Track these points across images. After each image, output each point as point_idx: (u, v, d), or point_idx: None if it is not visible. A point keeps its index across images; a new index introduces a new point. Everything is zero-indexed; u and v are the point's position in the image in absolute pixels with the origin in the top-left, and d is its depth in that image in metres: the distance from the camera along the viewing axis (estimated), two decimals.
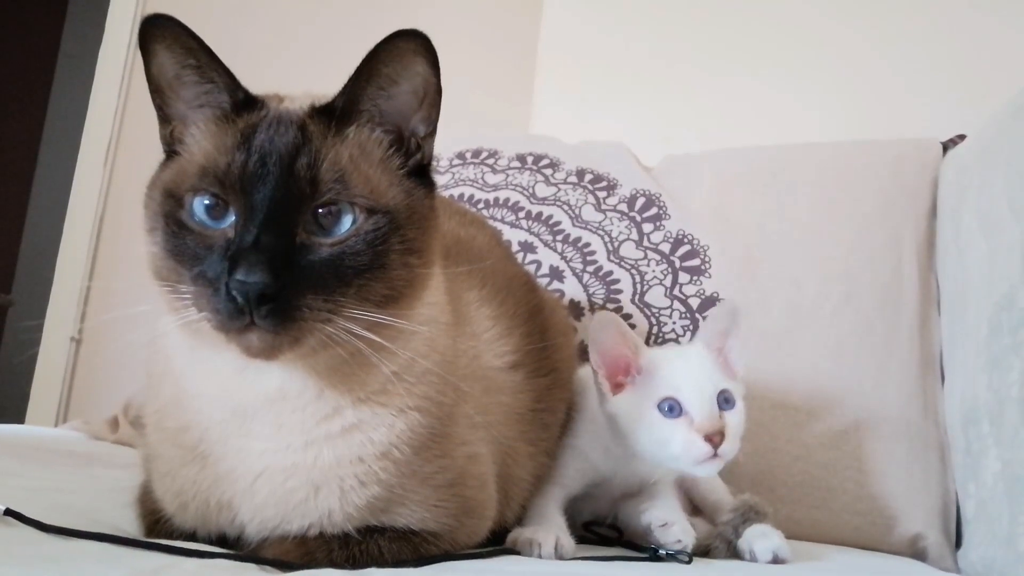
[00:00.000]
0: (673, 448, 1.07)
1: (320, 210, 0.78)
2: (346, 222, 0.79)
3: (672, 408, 1.09)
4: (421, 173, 0.88)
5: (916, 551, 1.40)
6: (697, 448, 1.06)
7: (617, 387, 1.15)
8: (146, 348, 0.94)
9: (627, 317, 1.65)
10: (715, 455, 1.06)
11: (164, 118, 0.86)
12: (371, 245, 0.79)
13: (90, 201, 2.80)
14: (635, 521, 1.13)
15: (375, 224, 0.80)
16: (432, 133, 0.88)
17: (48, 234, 2.97)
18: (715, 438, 1.06)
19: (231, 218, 0.77)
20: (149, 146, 0.90)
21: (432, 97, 0.86)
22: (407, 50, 0.82)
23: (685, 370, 1.12)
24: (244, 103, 0.83)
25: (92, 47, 2.94)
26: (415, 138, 0.87)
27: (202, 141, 0.82)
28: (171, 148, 0.86)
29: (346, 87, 0.83)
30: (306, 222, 0.78)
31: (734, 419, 1.10)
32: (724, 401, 1.10)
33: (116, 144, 2.83)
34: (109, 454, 1.65)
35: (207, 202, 0.78)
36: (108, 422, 1.97)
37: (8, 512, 0.80)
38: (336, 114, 0.83)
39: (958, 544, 1.39)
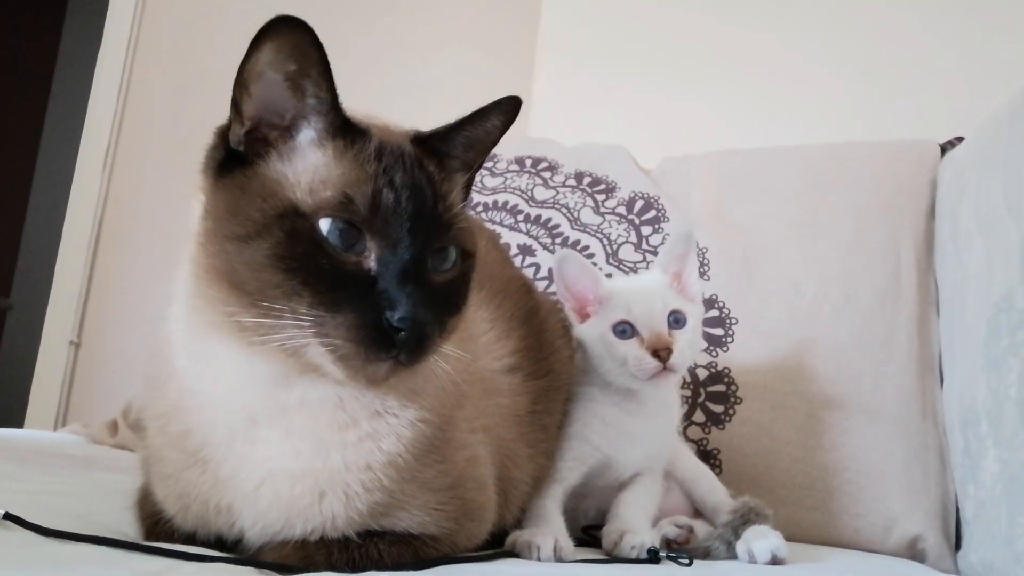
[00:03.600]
0: (629, 366, 1.17)
1: (438, 250, 0.83)
2: (449, 260, 0.84)
3: (625, 331, 1.19)
4: None
5: (915, 552, 1.41)
6: (646, 363, 1.15)
7: (585, 317, 1.27)
8: (147, 351, 0.94)
9: None
10: (665, 369, 1.15)
11: (239, 115, 0.82)
12: (465, 284, 0.87)
13: (89, 205, 2.81)
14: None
15: (469, 266, 0.87)
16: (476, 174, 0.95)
17: (47, 238, 2.97)
18: (662, 353, 1.15)
19: (364, 247, 0.78)
20: (147, 150, 0.90)
21: (491, 148, 0.93)
22: (501, 111, 0.88)
23: (636, 294, 1.22)
24: (343, 125, 0.82)
25: (91, 51, 2.94)
26: (471, 180, 0.92)
27: (321, 160, 0.80)
28: (243, 149, 0.82)
29: (446, 134, 0.88)
30: (429, 260, 0.81)
31: (684, 336, 1.19)
32: (675, 321, 1.20)
33: (115, 148, 2.83)
34: (108, 457, 1.65)
35: (343, 228, 0.77)
36: (107, 425, 1.97)
37: (7, 516, 0.80)
38: (438, 155, 0.87)
39: (958, 545, 1.39)
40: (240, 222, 0.77)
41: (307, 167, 0.80)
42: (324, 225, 0.77)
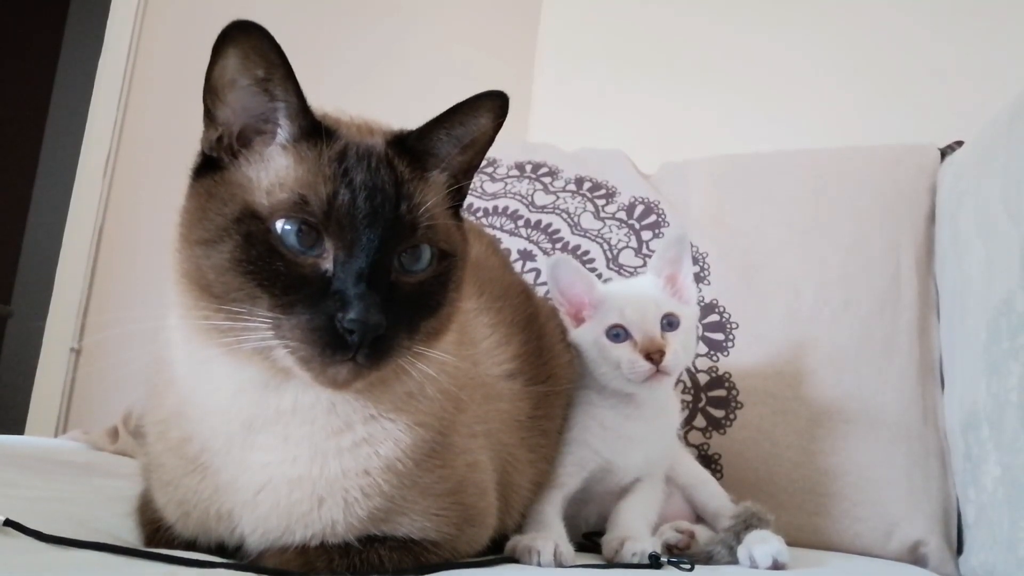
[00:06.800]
0: (622, 369, 1.17)
1: (407, 250, 0.82)
2: (422, 260, 0.83)
3: (618, 334, 1.20)
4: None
5: (917, 557, 1.40)
6: (639, 366, 1.16)
7: (580, 321, 1.27)
8: (147, 358, 0.94)
9: None
10: (658, 372, 1.15)
11: (212, 121, 0.83)
12: (442, 286, 0.85)
13: (89, 211, 2.81)
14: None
15: (446, 267, 0.85)
16: (472, 177, 0.93)
17: (48, 245, 2.98)
18: (655, 356, 1.15)
19: (322, 248, 0.77)
20: (148, 157, 0.90)
21: (486, 148, 0.91)
22: (486, 108, 0.86)
23: (629, 298, 1.22)
24: (312, 128, 0.82)
25: (91, 59, 2.95)
26: (464, 182, 0.91)
27: (283, 163, 0.80)
28: (216, 155, 0.82)
29: (424, 132, 0.86)
30: (396, 261, 0.80)
31: (677, 339, 1.19)
32: (668, 324, 1.20)
33: (115, 155, 2.83)
34: (109, 464, 1.65)
35: (299, 229, 0.77)
36: (108, 432, 1.97)
37: (8, 522, 0.80)
38: (414, 154, 0.85)
39: (959, 550, 1.39)
40: (205, 226, 0.78)
41: (272, 170, 0.80)
42: (279, 227, 0.77)
